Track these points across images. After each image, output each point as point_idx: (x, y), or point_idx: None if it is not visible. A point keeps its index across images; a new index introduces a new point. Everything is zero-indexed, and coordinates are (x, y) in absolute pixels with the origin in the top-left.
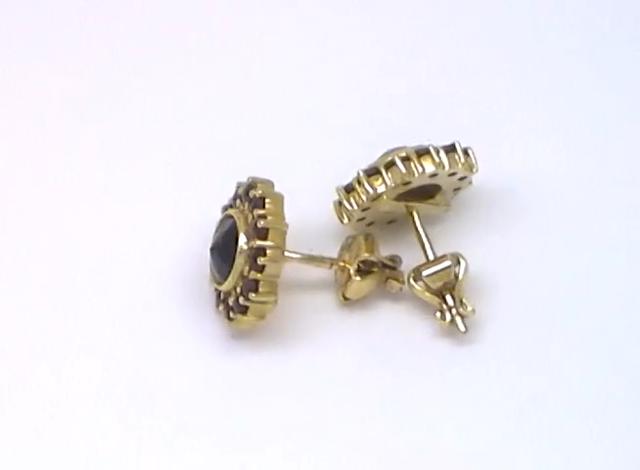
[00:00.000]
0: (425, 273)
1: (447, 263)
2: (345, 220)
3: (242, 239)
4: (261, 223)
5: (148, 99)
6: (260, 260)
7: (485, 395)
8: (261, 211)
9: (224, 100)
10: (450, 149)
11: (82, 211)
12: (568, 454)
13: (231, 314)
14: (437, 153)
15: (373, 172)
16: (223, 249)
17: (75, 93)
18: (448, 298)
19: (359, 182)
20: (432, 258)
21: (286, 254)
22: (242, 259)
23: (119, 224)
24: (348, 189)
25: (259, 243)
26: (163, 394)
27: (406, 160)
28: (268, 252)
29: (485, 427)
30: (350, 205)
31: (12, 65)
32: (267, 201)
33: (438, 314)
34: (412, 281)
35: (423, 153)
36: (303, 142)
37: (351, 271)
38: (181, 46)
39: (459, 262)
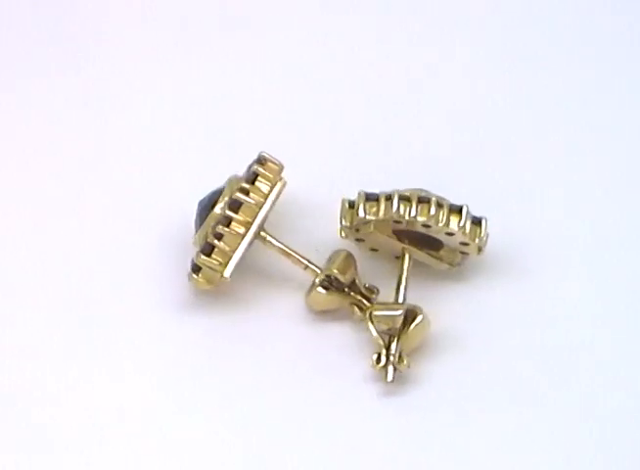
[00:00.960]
0: (375, 313)
1: (398, 312)
2: (343, 234)
3: (219, 204)
4: (237, 195)
5: (153, 86)
6: (219, 229)
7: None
8: (246, 186)
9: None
10: (456, 209)
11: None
12: None
13: (189, 269)
14: (439, 207)
15: (373, 198)
16: (205, 206)
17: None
18: (393, 345)
19: (357, 202)
20: (400, 301)
21: (268, 238)
22: (210, 222)
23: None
24: (351, 205)
25: (227, 213)
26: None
27: (404, 200)
28: (232, 224)
29: None
30: (344, 220)
31: None
32: (259, 179)
33: (375, 356)
34: (368, 315)
35: (423, 201)
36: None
37: (316, 281)
38: (182, 36)
39: (415, 316)
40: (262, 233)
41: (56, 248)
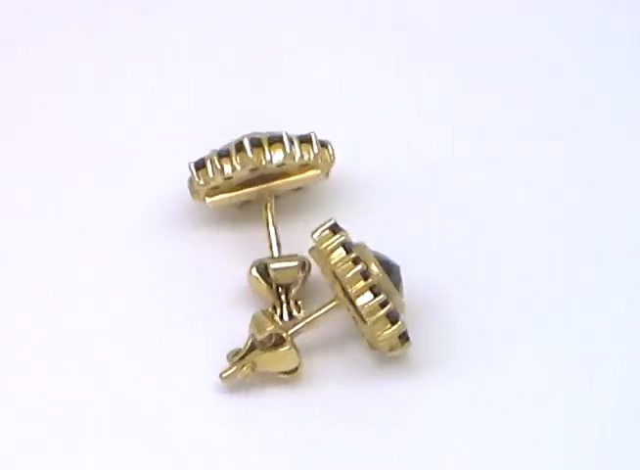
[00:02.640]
0: (256, 313)
1: (267, 327)
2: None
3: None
4: (245, 140)
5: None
6: (214, 153)
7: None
8: (261, 140)
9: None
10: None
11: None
12: None
13: None
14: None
15: (335, 228)
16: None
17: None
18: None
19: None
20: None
21: (268, 204)
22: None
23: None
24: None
25: (230, 147)
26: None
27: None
28: (224, 159)
29: None
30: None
31: None
32: (278, 146)
33: (234, 350)
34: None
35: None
36: None
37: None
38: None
39: (281, 343)
40: (267, 196)
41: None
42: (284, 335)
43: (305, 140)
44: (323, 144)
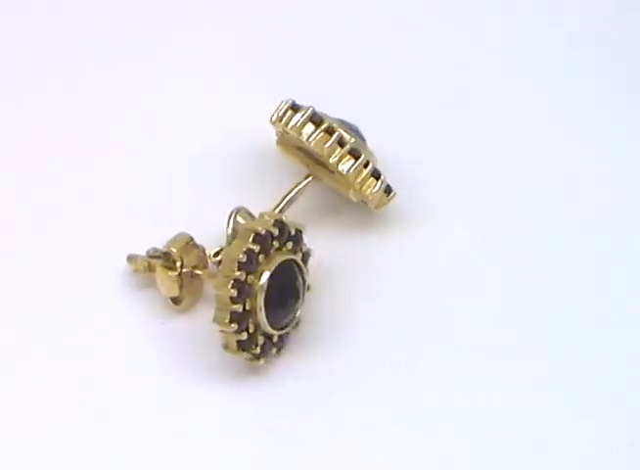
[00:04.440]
0: (186, 235)
1: (171, 249)
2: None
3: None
4: (308, 114)
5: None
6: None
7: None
8: (319, 127)
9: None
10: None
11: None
12: None
13: None
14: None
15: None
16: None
17: None
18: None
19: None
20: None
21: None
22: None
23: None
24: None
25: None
26: None
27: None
28: (290, 112)
29: None
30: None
31: None
32: (326, 139)
33: (149, 253)
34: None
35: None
36: None
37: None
38: None
39: (170, 265)
40: (310, 176)
41: None
42: (177, 264)
43: (354, 154)
44: (374, 174)
